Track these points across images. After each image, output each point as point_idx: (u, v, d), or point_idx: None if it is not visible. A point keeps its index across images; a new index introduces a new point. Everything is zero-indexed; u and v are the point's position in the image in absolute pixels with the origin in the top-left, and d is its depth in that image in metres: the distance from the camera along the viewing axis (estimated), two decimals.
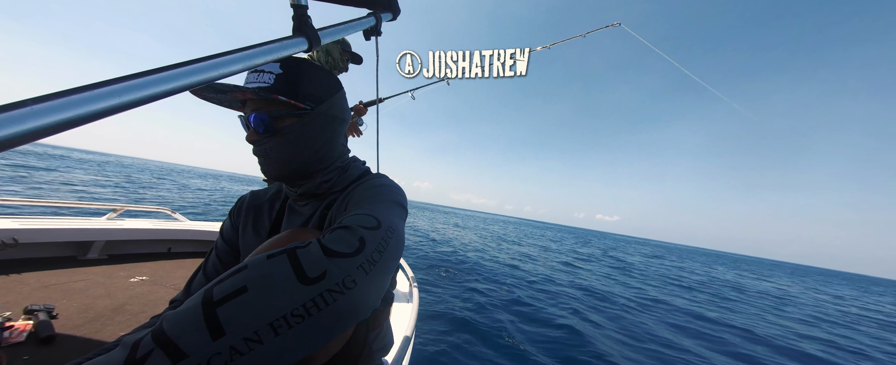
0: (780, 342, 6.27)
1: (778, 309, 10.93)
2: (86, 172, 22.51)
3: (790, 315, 10.06)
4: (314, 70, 0.67)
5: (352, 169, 0.77)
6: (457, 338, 4.00)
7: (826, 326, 9.11)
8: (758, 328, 7.17)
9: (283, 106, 0.62)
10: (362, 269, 0.41)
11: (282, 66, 0.62)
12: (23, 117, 0.22)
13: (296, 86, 0.63)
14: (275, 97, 0.59)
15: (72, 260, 1.99)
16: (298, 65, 0.64)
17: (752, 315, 8.86)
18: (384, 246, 0.46)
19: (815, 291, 21.89)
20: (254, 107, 0.63)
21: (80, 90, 0.26)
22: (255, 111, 0.62)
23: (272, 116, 0.62)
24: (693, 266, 26.47)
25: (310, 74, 0.65)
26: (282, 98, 0.60)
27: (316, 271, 0.37)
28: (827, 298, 18.54)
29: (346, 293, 0.38)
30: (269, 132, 0.63)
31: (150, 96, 0.30)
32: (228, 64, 0.38)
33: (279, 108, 0.62)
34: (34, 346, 1.12)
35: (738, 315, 8.41)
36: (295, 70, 0.63)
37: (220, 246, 0.79)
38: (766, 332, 6.97)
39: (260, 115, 0.61)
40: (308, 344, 0.35)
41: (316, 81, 0.66)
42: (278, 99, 0.60)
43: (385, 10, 0.79)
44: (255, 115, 0.61)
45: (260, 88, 0.59)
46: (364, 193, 0.64)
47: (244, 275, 0.36)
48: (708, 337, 5.83)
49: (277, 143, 0.63)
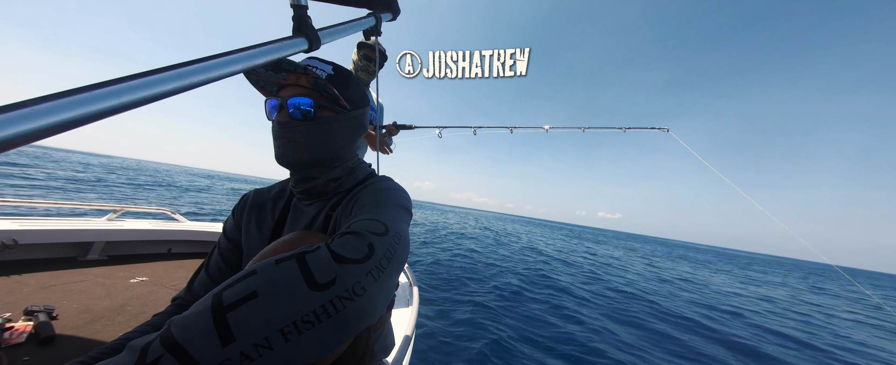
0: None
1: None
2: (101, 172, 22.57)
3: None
4: (357, 80, 0.75)
5: (358, 171, 0.79)
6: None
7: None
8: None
9: (329, 99, 0.67)
10: (371, 275, 0.41)
11: (333, 67, 0.69)
12: (23, 118, 0.22)
13: (345, 87, 0.69)
14: (330, 88, 0.64)
15: (72, 261, 1.98)
16: (348, 71, 0.72)
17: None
18: (392, 253, 0.47)
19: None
20: (297, 92, 0.66)
21: (80, 90, 0.26)
22: (297, 95, 0.65)
23: (317, 104, 0.66)
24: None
25: (355, 82, 0.73)
26: (334, 91, 0.65)
27: (326, 277, 0.37)
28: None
29: (356, 300, 0.38)
30: (306, 118, 0.66)
31: (150, 96, 0.30)
32: (228, 64, 0.38)
33: (323, 100, 0.67)
34: (34, 347, 1.12)
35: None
36: (345, 74, 0.71)
37: (223, 244, 0.79)
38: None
39: (306, 98, 0.65)
40: (317, 350, 0.35)
41: (358, 90, 0.74)
42: (329, 91, 0.65)
43: (385, 10, 0.79)
44: (299, 98, 0.64)
45: (319, 76, 0.63)
46: (370, 197, 0.66)
47: (254, 280, 0.36)
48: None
49: (311, 130, 0.66)
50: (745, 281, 17.01)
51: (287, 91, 0.67)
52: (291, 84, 0.67)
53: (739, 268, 28.84)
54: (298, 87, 0.67)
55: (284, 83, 0.68)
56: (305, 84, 0.66)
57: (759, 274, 24.02)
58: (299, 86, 0.67)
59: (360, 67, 2.12)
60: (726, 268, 25.99)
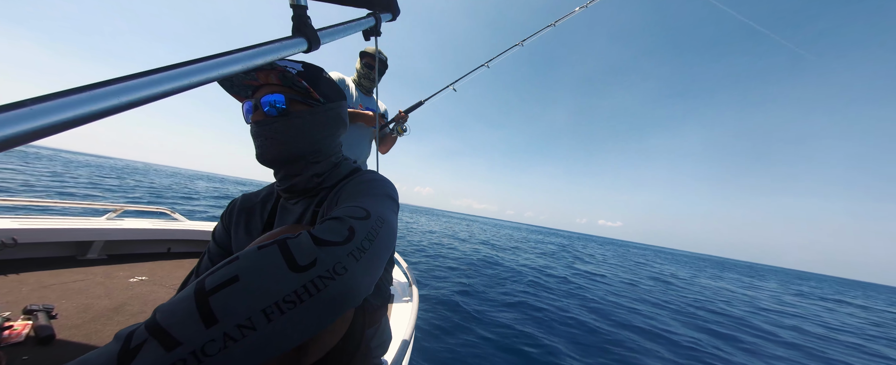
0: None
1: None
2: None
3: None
4: (329, 76, 0.75)
5: (343, 166, 0.79)
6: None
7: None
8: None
9: (301, 93, 0.68)
10: (353, 256, 0.42)
11: (303, 64, 0.69)
12: (23, 117, 0.22)
13: (316, 81, 0.70)
14: (300, 81, 0.65)
15: (71, 260, 1.98)
16: (318, 67, 0.73)
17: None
18: (374, 235, 0.47)
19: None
20: (268, 90, 0.67)
21: (80, 90, 0.26)
22: (269, 93, 0.66)
23: (289, 99, 0.67)
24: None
25: (326, 78, 0.74)
26: (304, 84, 0.66)
27: (306, 259, 0.38)
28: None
29: (337, 279, 0.38)
30: (281, 114, 0.66)
31: (150, 96, 0.30)
32: (228, 64, 0.38)
33: (296, 94, 0.68)
34: (33, 346, 1.12)
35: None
36: (316, 70, 0.71)
37: (213, 249, 0.79)
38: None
39: (277, 95, 0.66)
40: (301, 329, 0.35)
41: (330, 84, 0.75)
42: (299, 84, 0.66)
43: (384, 10, 0.79)
44: (271, 95, 0.66)
45: (287, 70, 0.64)
46: (355, 188, 0.66)
47: (236, 265, 0.37)
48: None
49: (285, 125, 0.67)
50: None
51: (260, 92, 0.68)
52: (263, 84, 0.68)
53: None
54: (270, 86, 0.68)
55: (256, 84, 0.69)
56: (275, 81, 0.67)
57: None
58: (270, 84, 0.68)
59: (363, 75, 2.18)
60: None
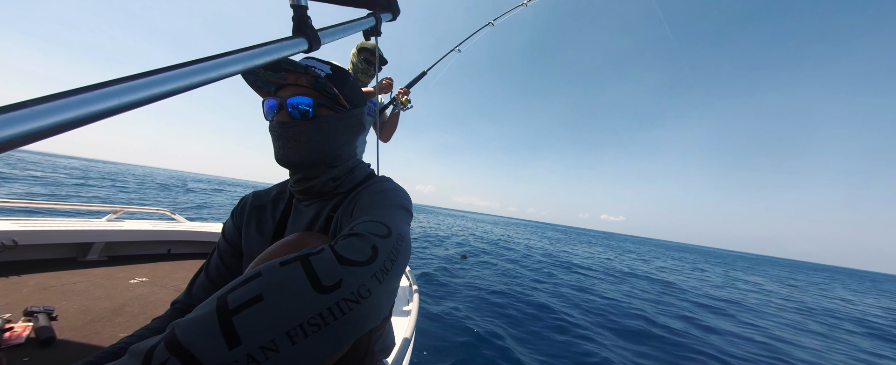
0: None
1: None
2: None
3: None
4: (355, 81, 0.75)
5: (358, 171, 0.79)
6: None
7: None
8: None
9: (328, 98, 0.68)
10: (376, 278, 0.41)
11: (331, 66, 0.68)
12: (23, 118, 0.22)
13: (343, 85, 0.69)
14: (330, 87, 0.64)
15: (71, 261, 1.98)
16: (345, 70, 0.72)
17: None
18: (395, 255, 0.47)
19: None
20: (296, 91, 0.67)
21: (80, 91, 0.25)
22: (297, 95, 0.65)
23: (317, 104, 0.66)
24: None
25: (352, 81, 0.73)
26: (334, 90, 0.65)
27: (331, 280, 0.37)
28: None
29: (361, 303, 0.38)
30: (306, 117, 0.66)
31: (150, 97, 0.30)
32: (228, 64, 0.38)
33: (323, 99, 0.68)
34: (34, 348, 1.12)
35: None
36: (343, 73, 0.70)
37: (223, 246, 0.79)
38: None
39: (306, 98, 0.65)
40: (322, 352, 0.35)
41: (356, 90, 0.74)
42: (329, 90, 0.65)
43: (385, 10, 0.79)
44: (298, 97, 0.64)
45: (319, 75, 0.63)
46: (371, 198, 0.65)
47: (259, 282, 0.36)
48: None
49: (311, 129, 0.66)
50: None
51: (286, 91, 0.67)
52: (290, 84, 0.67)
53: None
54: (298, 87, 0.67)
55: (283, 83, 0.68)
56: (305, 84, 0.66)
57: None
58: (299, 85, 0.67)
59: (360, 69, 2.19)
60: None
